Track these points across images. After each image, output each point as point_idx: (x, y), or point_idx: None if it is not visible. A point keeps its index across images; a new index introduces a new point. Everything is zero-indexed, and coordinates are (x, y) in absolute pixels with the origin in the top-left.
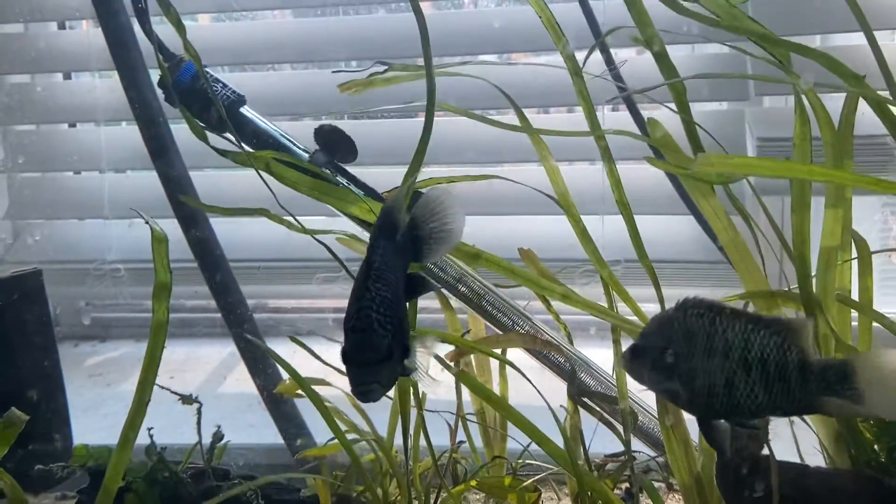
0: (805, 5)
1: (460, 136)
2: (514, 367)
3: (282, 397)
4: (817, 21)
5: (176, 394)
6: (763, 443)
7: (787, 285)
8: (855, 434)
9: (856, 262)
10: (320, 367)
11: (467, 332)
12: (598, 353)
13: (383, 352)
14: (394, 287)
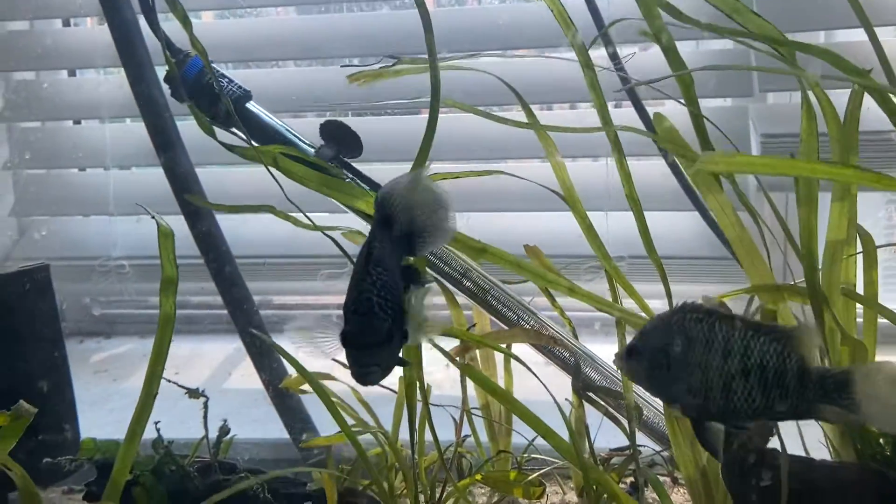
0: (808, 2)
1: (465, 132)
2: (519, 360)
3: (287, 392)
4: (821, 17)
5: (183, 387)
6: (768, 437)
7: (791, 279)
8: (860, 428)
9: (860, 256)
10: (325, 362)
11: (472, 327)
12: (602, 349)
13: (383, 335)
14: (393, 272)
